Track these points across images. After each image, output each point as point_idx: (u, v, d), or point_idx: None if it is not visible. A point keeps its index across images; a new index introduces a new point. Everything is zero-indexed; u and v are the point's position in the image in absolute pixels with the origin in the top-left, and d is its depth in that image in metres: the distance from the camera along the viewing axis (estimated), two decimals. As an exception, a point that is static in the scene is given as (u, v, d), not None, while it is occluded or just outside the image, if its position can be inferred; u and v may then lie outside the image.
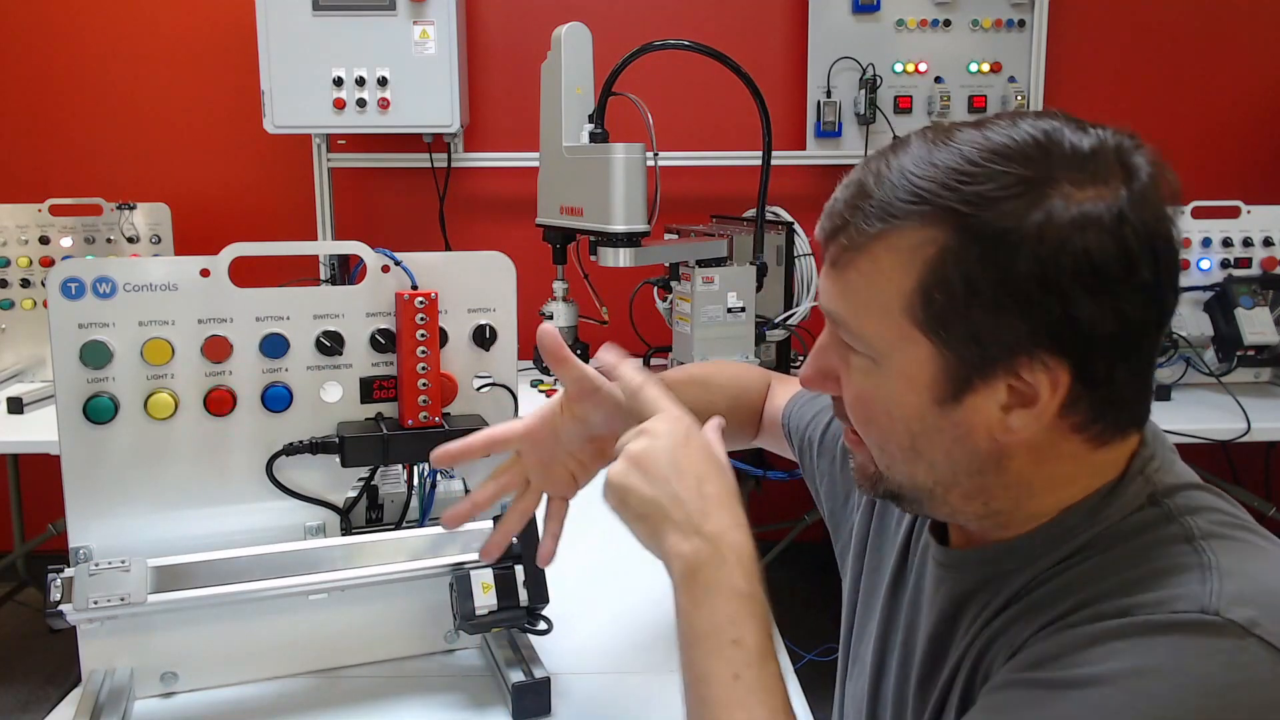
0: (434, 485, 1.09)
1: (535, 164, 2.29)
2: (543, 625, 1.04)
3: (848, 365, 0.72)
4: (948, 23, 2.80)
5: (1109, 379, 0.65)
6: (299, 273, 2.48)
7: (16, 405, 2.19)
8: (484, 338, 1.09)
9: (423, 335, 1.04)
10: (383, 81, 2.52)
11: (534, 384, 2.25)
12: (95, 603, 0.92)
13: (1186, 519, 0.66)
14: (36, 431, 2.09)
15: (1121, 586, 0.63)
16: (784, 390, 1.19)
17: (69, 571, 0.94)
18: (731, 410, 1.17)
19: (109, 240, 2.50)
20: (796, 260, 2.39)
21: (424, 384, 1.04)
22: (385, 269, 1.05)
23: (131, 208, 2.51)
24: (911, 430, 0.69)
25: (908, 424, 0.69)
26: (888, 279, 0.66)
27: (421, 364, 1.04)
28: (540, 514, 0.95)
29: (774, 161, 2.19)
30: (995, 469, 0.70)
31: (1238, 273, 2.42)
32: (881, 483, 0.75)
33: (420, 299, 1.04)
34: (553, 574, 1.05)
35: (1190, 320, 2.38)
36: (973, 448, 0.69)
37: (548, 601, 1.04)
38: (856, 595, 0.94)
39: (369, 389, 1.06)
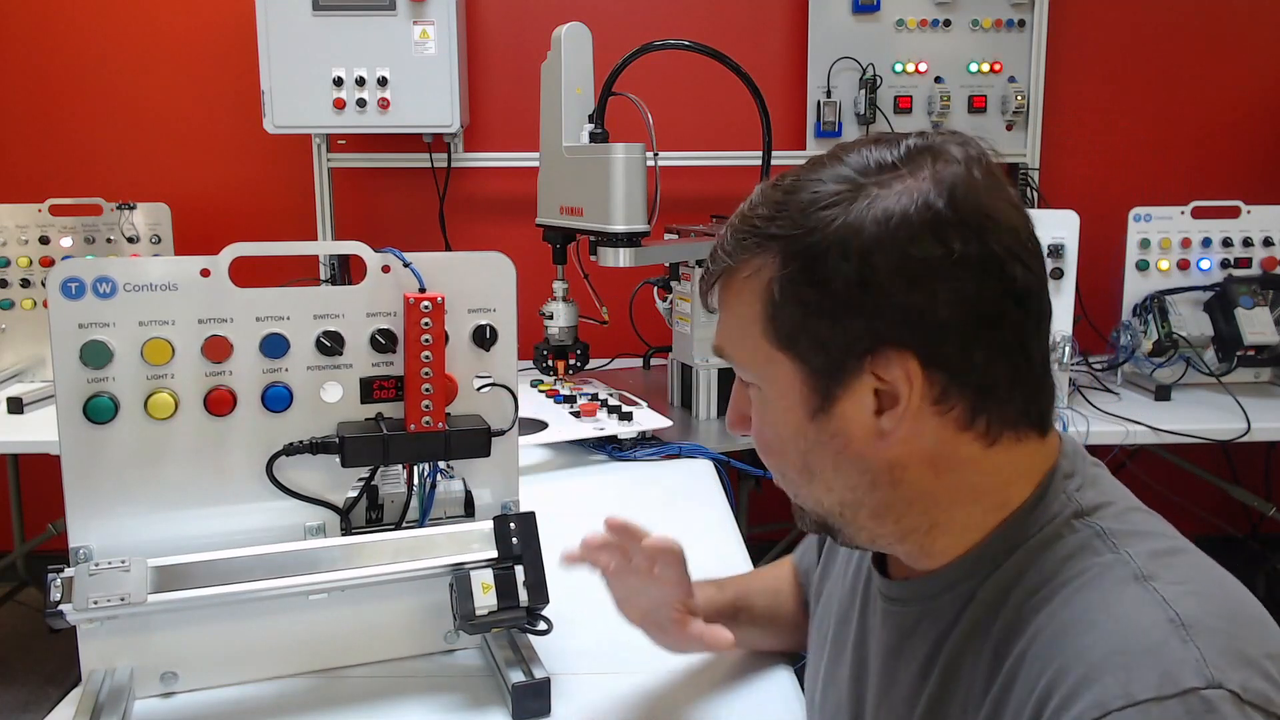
0: (434, 485, 1.09)
1: (535, 164, 2.29)
2: (543, 625, 1.04)
3: (750, 402, 0.76)
4: (948, 23, 2.80)
5: (969, 363, 0.67)
6: (299, 273, 2.49)
7: (16, 405, 2.19)
8: (484, 338, 1.09)
9: (427, 340, 1.04)
10: (383, 81, 2.52)
11: (534, 384, 2.25)
12: (95, 603, 0.92)
13: (1126, 551, 0.66)
14: (36, 431, 2.09)
15: (1104, 661, 0.60)
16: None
17: (69, 571, 0.94)
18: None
19: (109, 240, 2.50)
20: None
21: (427, 389, 1.04)
22: (385, 269, 1.05)
23: (131, 208, 2.51)
24: (800, 449, 0.73)
25: (795, 443, 0.73)
26: (746, 307, 0.71)
27: (425, 369, 1.04)
28: (548, 509, 0.95)
29: (774, 161, 2.19)
30: (891, 482, 0.71)
31: (1238, 273, 2.43)
32: (806, 515, 0.78)
33: (425, 303, 1.03)
34: (552, 574, 1.05)
35: (1190, 320, 2.38)
36: (858, 458, 0.71)
37: (548, 601, 1.04)
38: (824, 645, 0.94)
39: (369, 389, 1.06)
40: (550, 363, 2.26)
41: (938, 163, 0.67)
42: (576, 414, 1.97)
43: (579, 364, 2.28)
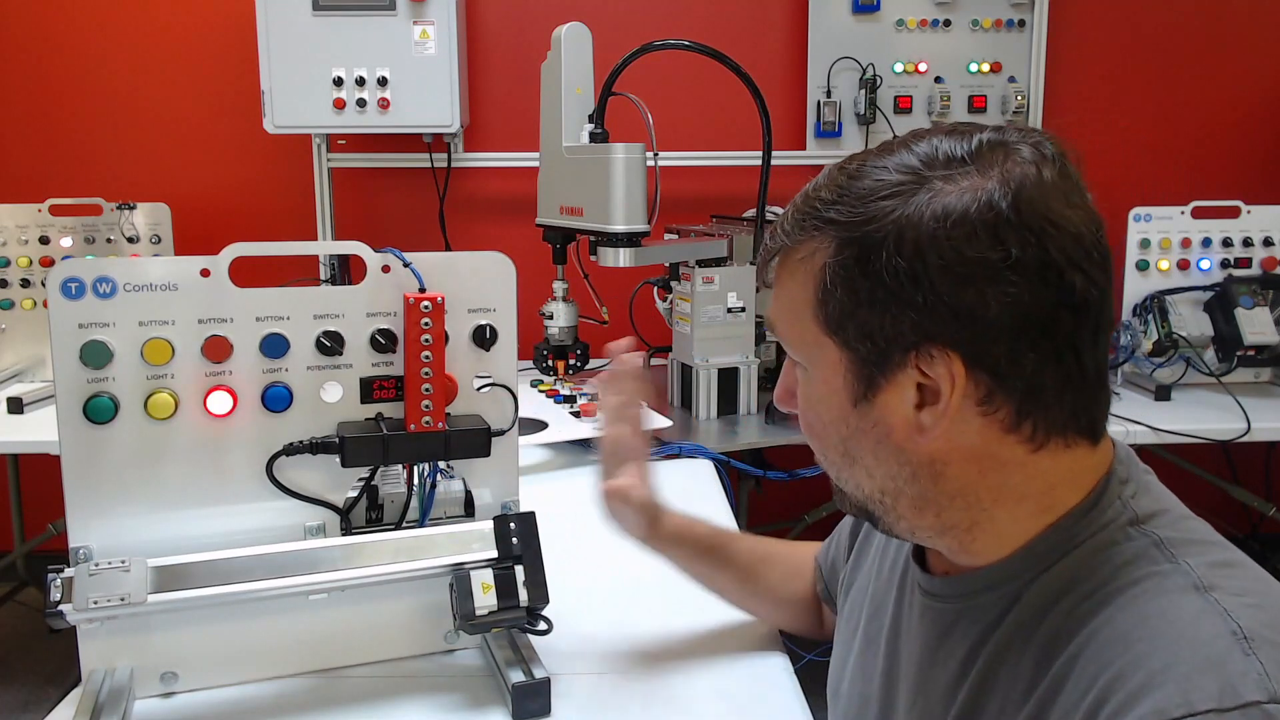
0: (434, 485, 1.09)
1: (535, 164, 2.29)
2: (543, 625, 1.04)
3: (797, 380, 0.78)
4: (948, 23, 2.80)
5: (1017, 368, 0.66)
6: (299, 273, 2.48)
7: (16, 405, 2.19)
8: (484, 338, 1.09)
9: (427, 340, 1.04)
10: (383, 81, 2.52)
11: (534, 384, 2.25)
12: (95, 603, 0.92)
13: (1185, 561, 0.66)
14: (36, 431, 2.09)
15: (1165, 668, 0.60)
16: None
17: (69, 571, 0.94)
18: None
19: (109, 240, 2.50)
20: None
21: (427, 389, 1.04)
22: (385, 269, 1.05)
23: (131, 208, 2.51)
24: (841, 434, 0.74)
25: (836, 427, 0.74)
26: (799, 288, 0.72)
27: (425, 369, 1.04)
28: (548, 509, 0.95)
29: (774, 161, 2.19)
30: (932, 476, 0.71)
31: (1238, 273, 2.43)
32: (846, 498, 0.79)
33: (425, 303, 1.03)
34: (553, 574, 1.05)
35: (1190, 320, 2.38)
36: (898, 449, 0.71)
37: (548, 601, 1.04)
38: (854, 637, 0.94)
39: (369, 389, 1.06)
40: (550, 363, 2.26)
41: (1008, 161, 0.66)
42: (576, 414, 1.97)
43: (579, 364, 2.28)
